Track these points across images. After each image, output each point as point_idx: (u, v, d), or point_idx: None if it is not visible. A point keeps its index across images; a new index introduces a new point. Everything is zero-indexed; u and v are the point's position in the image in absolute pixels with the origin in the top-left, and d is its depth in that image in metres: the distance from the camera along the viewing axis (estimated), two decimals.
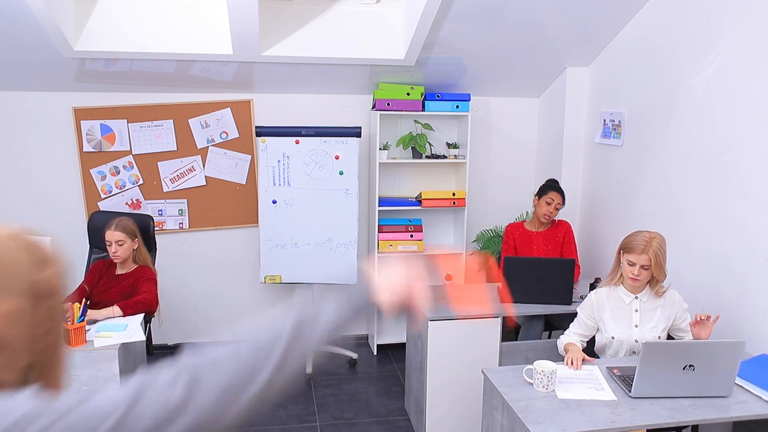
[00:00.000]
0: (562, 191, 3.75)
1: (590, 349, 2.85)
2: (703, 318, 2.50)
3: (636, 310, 2.65)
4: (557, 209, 3.70)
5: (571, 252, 3.77)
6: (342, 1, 3.77)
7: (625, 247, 2.62)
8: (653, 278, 2.61)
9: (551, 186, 3.76)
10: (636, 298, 2.66)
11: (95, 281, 3.26)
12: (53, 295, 0.91)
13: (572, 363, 2.46)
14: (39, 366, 0.90)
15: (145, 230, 3.46)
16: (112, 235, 3.15)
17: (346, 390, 3.94)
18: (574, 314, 2.83)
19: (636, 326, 2.64)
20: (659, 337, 2.62)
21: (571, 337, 2.69)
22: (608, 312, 2.68)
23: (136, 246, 3.24)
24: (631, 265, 2.56)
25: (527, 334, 3.55)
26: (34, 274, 0.88)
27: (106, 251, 3.23)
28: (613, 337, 2.66)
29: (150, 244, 3.56)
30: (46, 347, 0.91)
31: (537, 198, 3.78)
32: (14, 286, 0.86)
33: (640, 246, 2.53)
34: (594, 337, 2.78)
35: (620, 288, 2.68)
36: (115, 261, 3.22)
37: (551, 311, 3.24)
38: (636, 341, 2.64)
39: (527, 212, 4.52)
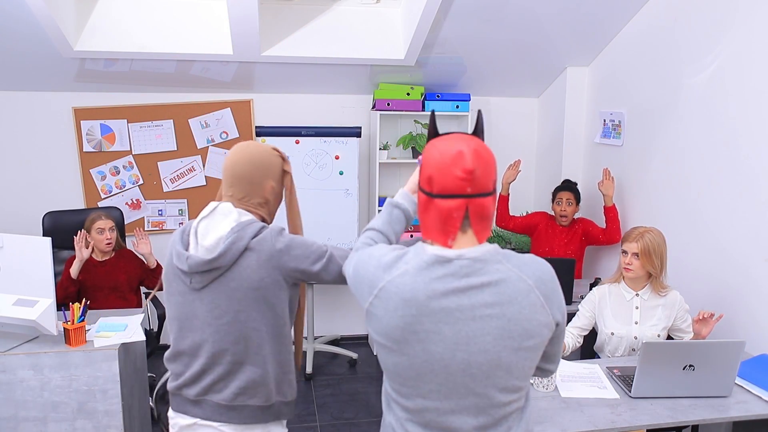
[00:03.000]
0: (572, 188, 3.88)
1: (590, 347, 2.86)
2: (706, 316, 2.55)
3: (636, 307, 2.66)
4: (570, 204, 3.83)
5: (595, 230, 3.83)
6: (342, 1, 3.77)
7: (623, 238, 2.71)
8: (653, 277, 2.63)
9: (559, 187, 3.92)
10: (637, 295, 2.67)
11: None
12: (287, 176, 1.76)
13: None
14: (292, 214, 1.80)
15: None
16: (105, 222, 3.35)
17: (346, 390, 3.94)
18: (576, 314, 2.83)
19: (636, 323, 2.65)
20: (659, 336, 2.63)
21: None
22: (609, 308, 2.70)
23: (116, 236, 3.45)
24: (624, 254, 2.65)
25: None
26: (281, 167, 1.73)
27: (71, 246, 3.30)
28: (612, 333, 2.67)
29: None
30: (293, 203, 1.79)
31: (552, 203, 3.94)
32: (274, 174, 1.71)
33: (634, 235, 2.64)
34: (594, 335, 2.79)
35: (622, 284, 2.71)
36: (107, 249, 3.38)
37: None
38: (635, 338, 2.64)
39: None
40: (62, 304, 2.76)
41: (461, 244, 1.29)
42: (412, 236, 4.34)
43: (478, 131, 1.40)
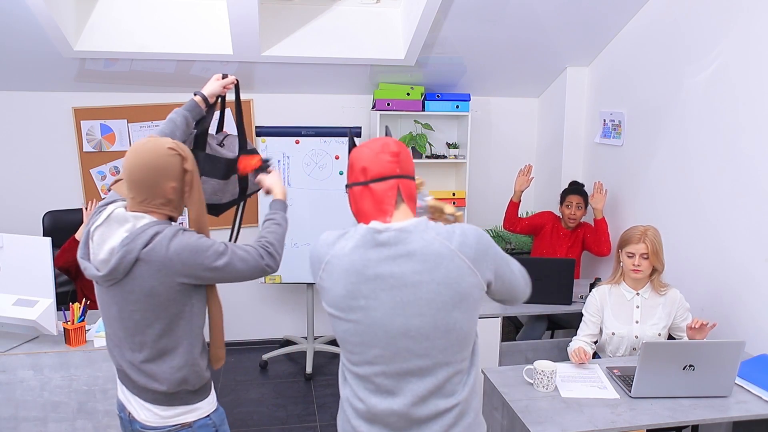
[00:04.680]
0: (581, 192, 3.85)
1: None
2: (697, 326, 2.49)
3: (637, 306, 2.67)
4: (579, 209, 3.81)
5: (591, 238, 3.83)
6: (342, 1, 3.77)
7: (623, 242, 2.69)
8: (654, 273, 2.64)
9: (569, 190, 3.88)
10: (637, 294, 2.67)
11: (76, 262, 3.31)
12: (188, 174, 1.68)
13: (578, 355, 2.47)
14: (193, 211, 1.73)
15: None
16: None
17: None
18: (578, 313, 2.83)
19: (637, 322, 2.65)
20: (659, 335, 2.63)
21: (579, 342, 2.69)
22: (609, 308, 2.70)
23: None
24: (631, 257, 2.63)
25: (530, 335, 3.55)
26: (180, 166, 1.66)
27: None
28: (613, 333, 2.67)
29: None
30: (194, 200, 1.72)
31: (560, 206, 3.90)
32: (173, 174, 1.65)
33: (637, 236, 2.62)
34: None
35: (622, 285, 2.71)
36: None
37: (551, 311, 3.24)
38: (636, 337, 2.64)
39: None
40: (62, 304, 2.76)
41: (396, 218, 1.47)
42: None
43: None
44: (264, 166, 2.10)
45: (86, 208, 3.27)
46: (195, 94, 2.08)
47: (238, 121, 2.28)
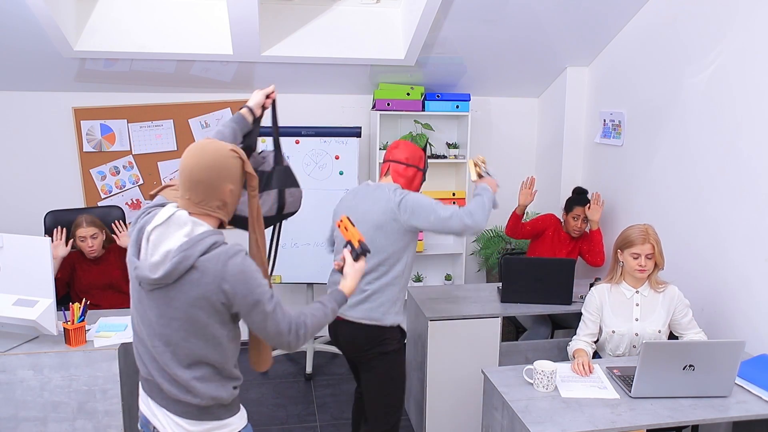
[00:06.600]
0: (588, 200, 3.79)
1: None
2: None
3: (637, 304, 2.67)
4: (585, 221, 3.77)
5: (586, 246, 3.80)
6: (342, 1, 3.77)
7: (624, 244, 2.66)
8: (654, 270, 2.66)
9: (578, 201, 3.79)
10: (637, 292, 2.68)
11: (68, 271, 3.33)
12: (251, 178, 1.72)
13: (582, 368, 2.43)
14: (252, 218, 1.77)
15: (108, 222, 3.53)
16: (86, 230, 3.28)
17: (346, 390, 3.94)
18: (579, 313, 2.83)
19: (637, 320, 2.65)
20: (659, 332, 2.64)
21: (579, 343, 2.69)
22: (609, 306, 2.70)
23: (104, 236, 3.38)
24: (636, 258, 2.62)
25: (533, 339, 3.54)
26: (241, 169, 1.68)
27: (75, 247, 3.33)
28: (613, 331, 2.67)
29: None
30: (252, 206, 1.75)
31: (565, 213, 3.83)
32: (233, 176, 1.66)
33: (641, 237, 2.61)
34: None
35: (621, 284, 2.71)
36: (91, 255, 3.33)
37: (551, 311, 3.24)
38: (636, 335, 2.65)
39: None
40: (62, 304, 2.76)
41: (383, 181, 2.59)
42: None
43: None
44: (363, 250, 1.96)
45: (54, 237, 3.20)
46: (241, 108, 2.12)
47: (274, 134, 2.24)
